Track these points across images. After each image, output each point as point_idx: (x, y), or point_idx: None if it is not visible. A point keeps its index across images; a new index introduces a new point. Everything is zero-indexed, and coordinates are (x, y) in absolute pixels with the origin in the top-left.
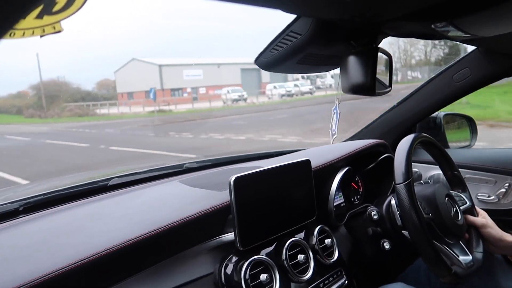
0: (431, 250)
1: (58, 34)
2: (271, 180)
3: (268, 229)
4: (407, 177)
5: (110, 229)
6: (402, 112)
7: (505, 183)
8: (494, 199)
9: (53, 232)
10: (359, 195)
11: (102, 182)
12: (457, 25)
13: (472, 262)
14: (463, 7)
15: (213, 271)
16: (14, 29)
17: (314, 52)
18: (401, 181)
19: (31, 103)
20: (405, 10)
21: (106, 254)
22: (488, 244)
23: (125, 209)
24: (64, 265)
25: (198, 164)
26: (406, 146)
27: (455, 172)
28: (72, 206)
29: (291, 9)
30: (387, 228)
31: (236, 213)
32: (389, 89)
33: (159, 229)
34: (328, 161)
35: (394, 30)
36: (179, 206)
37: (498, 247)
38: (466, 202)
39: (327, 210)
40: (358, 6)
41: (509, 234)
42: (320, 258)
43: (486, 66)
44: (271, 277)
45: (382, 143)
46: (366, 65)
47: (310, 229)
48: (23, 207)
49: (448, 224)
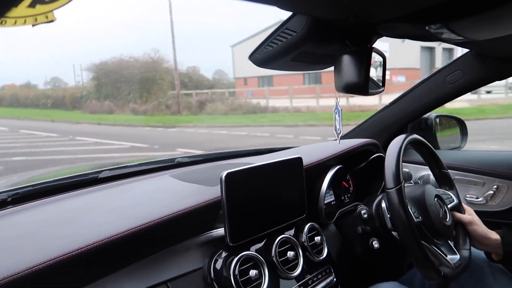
0: (420, 252)
1: (50, 23)
2: (263, 176)
3: (258, 225)
4: (398, 182)
5: (99, 222)
6: (394, 112)
7: (493, 185)
8: (482, 200)
9: (41, 224)
10: (349, 194)
11: (92, 175)
12: (451, 28)
13: (460, 261)
14: (457, 10)
15: (202, 266)
16: (6, 17)
17: (309, 50)
18: (392, 186)
19: (89, 93)
20: (399, 11)
21: (95, 247)
22: (473, 241)
23: (115, 202)
24: (52, 257)
25: (190, 159)
26: (397, 148)
27: (443, 170)
28: (61, 198)
29: (287, 6)
30: (377, 227)
31: (227, 208)
32: (382, 89)
33: (149, 223)
34: (320, 159)
35: (388, 31)
36: (170, 200)
37: (483, 244)
38: (454, 200)
39: (317, 208)
40: (353, 7)
41: (494, 232)
42: (310, 255)
43: (478, 69)
44: (260, 273)
45: (373, 143)
46: (360, 65)
47: (300, 226)
48: (12, 198)
49: (437, 226)
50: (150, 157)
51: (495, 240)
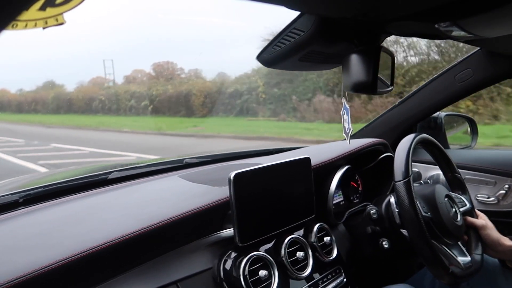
0: (429, 249)
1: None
2: (271, 177)
3: (267, 225)
4: (407, 174)
5: (109, 222)
6: (403, 112)
7: (505, 185)
8: (493, 200)
9: (53, 224)
10: (358, 194)
11: (102, 176)
12: (461, 26)
13: (471, 263)
14: (467, 8)
15: (212, 266)
16: (17, 21)
17: (317, 50)
18: (401, 178)
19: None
20: (408, 10)
21: (105, 247)
22: (486, 248)
23: (125, 203)
24: (64, 257)
25: (198, 160)
26: (407, 145)
27: (455, 174)
28: (72, 199)
29: (295, 6)
30: (386, 227)
31: (236, 209)
32: (391, 88)
33: (159, 223)
34: (328, 159)
35: (397, 30)
36: (178, 201)
37: (496, 251)
38: (466, 204)
39: (326, 208)
40: (362, 5)
41: (507, 238)
42: (319, 256)
43: (488, 67)
44: (270, 273)
45: (382, 142)
46: (368, 64)
47: (309, 226)
48: (23, 199)
49: (447, 224)
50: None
51: (509, 246)
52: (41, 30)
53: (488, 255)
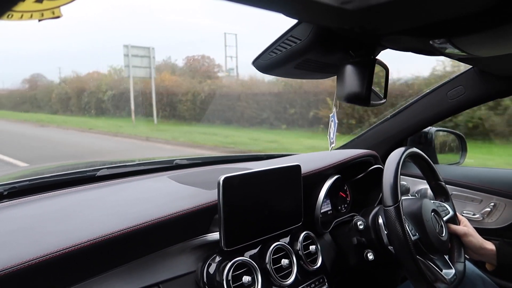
0: (415, 265)
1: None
2: (260, 182)
3: (254, 231)
4: (396, 200)
5: (95, 220)
6: (395, 125)
7: (490, 203)
8: (478, 217)
9: (37, 219)
10: (346, 204)
11: (90, 172)
12: (455, 43)
13: (455, 275)
14: (462, 27)
15: (195, 270)
16: (12, 11)
17: (313, 58)
18: (391, 204)
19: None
20: (404, 25)
21: (89, 245)
22: (469, 251)
23: (112, 201)
24: (46, 253)
25: (188, 161)
26: (395, 162)
27: (439, 181)
28: (58, 194)
29: (292, 14)
30: (372, 239)
31: (223, 213)
32: (384, 100)
33: (145, 223)
34: (318, 168)
35: (392, 44)
36: (166, 201)
37: (478, 254)
38: (449, 212)
39: (313, 216)
40: (359, 18)
41: (489, 242)
42: (304, 264)
43: (480, 86)
44: (254, 279)
45: (373, 154)
46: (362, 76)
47: (295, 234)
48: (8, 192)
49: (433, 242)
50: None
51: (490, 250)
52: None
53: (470, 257)
